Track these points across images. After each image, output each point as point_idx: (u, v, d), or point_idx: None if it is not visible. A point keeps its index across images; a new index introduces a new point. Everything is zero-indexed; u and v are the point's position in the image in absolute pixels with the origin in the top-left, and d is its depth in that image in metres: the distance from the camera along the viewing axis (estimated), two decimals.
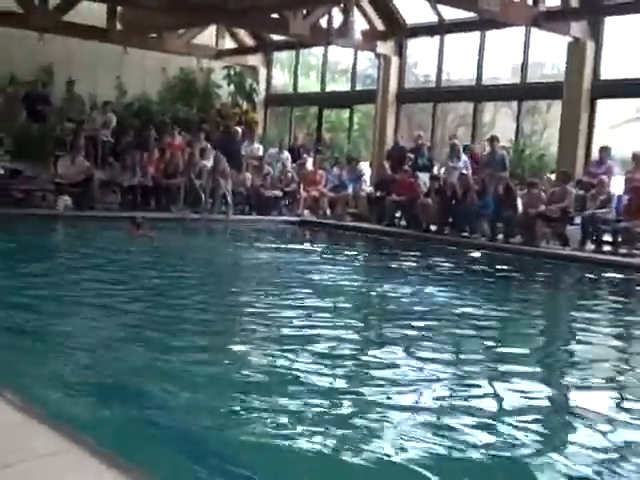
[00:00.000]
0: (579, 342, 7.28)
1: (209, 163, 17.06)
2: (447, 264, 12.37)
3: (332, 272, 10.59)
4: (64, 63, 18.34)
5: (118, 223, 13.84)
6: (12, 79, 17.95)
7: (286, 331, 6.76)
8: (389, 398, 4.88)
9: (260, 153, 18.77)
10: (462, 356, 6.38)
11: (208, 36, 20.13)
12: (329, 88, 21.81)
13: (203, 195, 16.13)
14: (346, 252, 13.65)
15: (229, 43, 21.24)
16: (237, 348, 6.13)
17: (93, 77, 18.89)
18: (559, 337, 7.85)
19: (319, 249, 14.10)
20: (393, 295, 9.00)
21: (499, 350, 6.66)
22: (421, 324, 7.35)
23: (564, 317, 9.00)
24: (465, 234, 14.92)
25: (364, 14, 18.20)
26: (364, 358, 6.04)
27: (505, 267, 12.43)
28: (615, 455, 4.22)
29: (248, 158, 18.19)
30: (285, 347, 6.00)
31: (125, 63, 19.34)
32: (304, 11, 16.49)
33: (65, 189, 15.44)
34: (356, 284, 10.01)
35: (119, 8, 17.91)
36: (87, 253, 11.02)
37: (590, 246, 13.52)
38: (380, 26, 18.50)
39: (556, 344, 7.37)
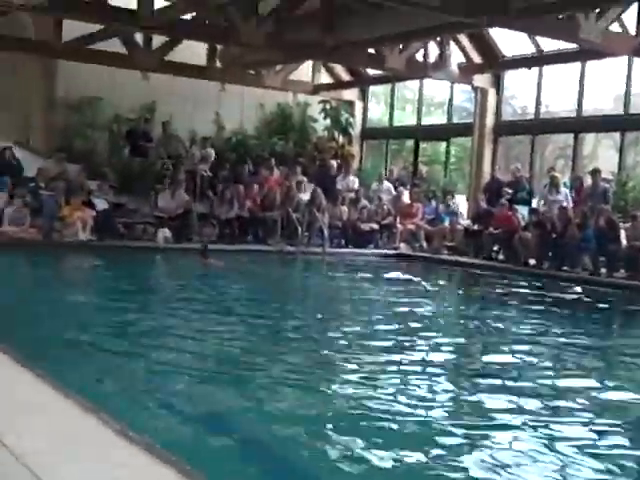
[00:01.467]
0: None
1: (306, 196, 17.20)
2: (545, 298, 12.04)
3: (430, 305, 10.48)
4: (165, 100, 18.84)
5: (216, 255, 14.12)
6: (116, 117, 18.54)
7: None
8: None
9: (356, 186, 18.79)
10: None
11: (305, 71, 20.35)
12: (425, 121, 21.73)
13: (300, 228, 16.21)
14: (444, 286, 13.47)
15: (325, 78, 21.43)
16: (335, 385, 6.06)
17: (193, 113, 19.33)
18: None
19: (417, 283, 13.97)
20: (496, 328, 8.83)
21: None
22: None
23: None
24: (565, 268, 14.51)
25: (460, 47, 18.11)
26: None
27: (607, 302, 12.02)
28: None
29: (344, 191, 18.23)
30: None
31: (223, 99, 19.72)
32: (400, 45, 16.50)
33: (165, 222, 15.79)
34: (454, 317, 9.86)
35: (219, 46, 18.32)
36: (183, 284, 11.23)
37: None
38: (477, 58, 18.35)
39: None
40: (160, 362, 6.21)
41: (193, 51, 17.86)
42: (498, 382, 6.27)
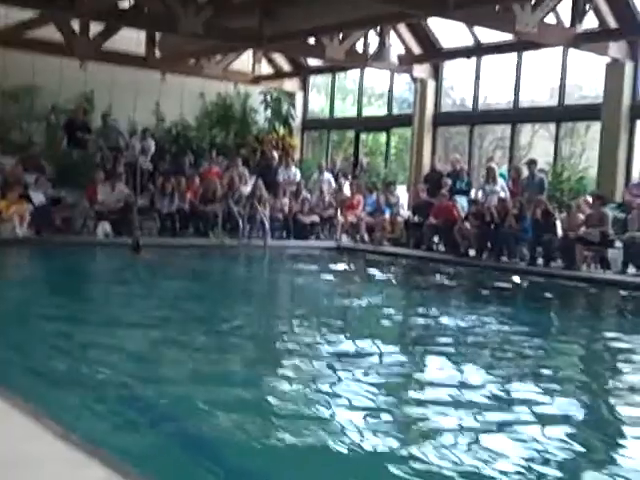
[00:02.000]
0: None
1: (247, 189, 17.17)
2: (485, 288, 12.28)
3: (367, 297, 10.60)
4: (104, 90, 18.57)
5: (155, 249, 14.09)
6: (54, 107, 18.24)
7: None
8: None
9: (297, 178, 18.81)
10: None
11: (245, 61, 20.28)
12: (366, 112, 21.83)
13: (241, 221, 16.18)
14: (382, 277, 13.60)
15: (266, 68, 21.39)
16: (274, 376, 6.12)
17: (132, 104, 19.11)
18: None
19: (356, 274, 14.10)
20: (431, 322, 8.96)
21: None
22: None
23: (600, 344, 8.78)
24: (504, 259, 14.78)
25: (400, 37, 18.24)
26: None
27: (545, 292, 12.30)
28: None
29: (285, 183, 18.24)
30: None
31: (163, 89, 19.53)
32: (340, 35, 16.56)
33: (105, 216, 15.62)
34: (392, 310, 9.98)
35: (157, 35, 18.14)
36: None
37: (632, 270, 13.30)
38: (416, 49, 18.51)
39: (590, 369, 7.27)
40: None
41: (133, 40, 17.66)
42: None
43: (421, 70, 18.86)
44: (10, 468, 3.05)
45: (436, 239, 16.47)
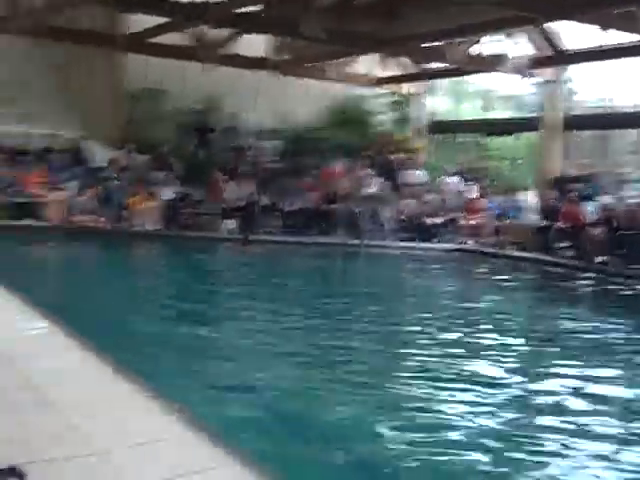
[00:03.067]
0: None
1: (370, 190, 17.15)
2: (614, 295, 11.82)
3: (494, 301, 10.37)
4: (229, 92, 18.94)
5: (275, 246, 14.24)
6: (183, 109, 18.73)
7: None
8: None
9: (423, 180, 18.66)
10: None
11: (367, 64, 20.26)
12: (492, 115, 21.44)
13: (363, 222, 16.15)
14: (508, 282, 13.29)
15: (389, 71, 21.29)
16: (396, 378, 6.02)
17: (257, 105, 19.41)
18: None
19: (481, 278, 13.84)
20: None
21: None
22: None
23: None
24: (636, 266, 14.17)
25: (528, 40, 17.81)
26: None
27: None
28: None
29: (409, 185, 18.11)
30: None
31: (287, 92, 19.74)
32: (463, 38, 16.30)
33: (229, 213, 15.91)
34: (520, 314, 9.72)
35: (282, 39, 18.34)
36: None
37: None
38: (544, 52, 18.03)
39: None
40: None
41: (256, 44, 17.92)
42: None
43: (548, 73, 18.36)
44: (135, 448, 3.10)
45: (563, 244, 15.97)
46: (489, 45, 17.28)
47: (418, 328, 8.06)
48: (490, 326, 8.58)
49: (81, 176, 15.58)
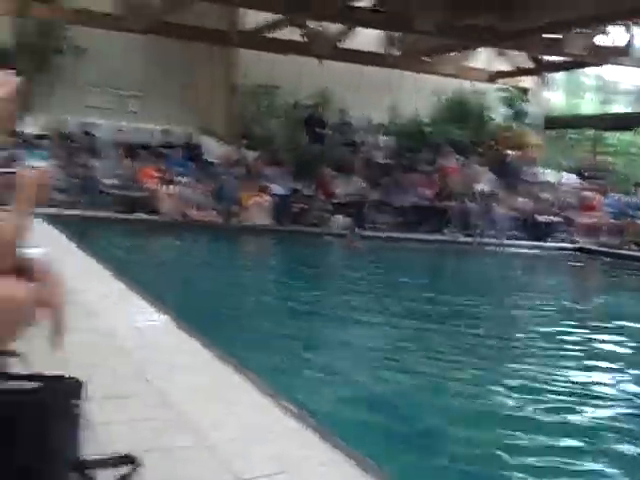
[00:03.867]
0: None
1: (483, 187, 16.83)
2: None
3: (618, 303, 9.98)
4: (341, 87, 18.94)
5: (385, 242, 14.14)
6: (294, 104, 18.84)
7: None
8: None
9: (542, 177, 18.22)
10: None
11: (482, 58, 19.88)
12: (609, 110, 20.71)
13: (476, 219, 15.85)
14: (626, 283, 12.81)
15: (504, 65, 20.84)
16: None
17: (368, 100, 19.34)
18: None
19: (599, 277, 13.37)
20: None
21: None
22: None
23: None
24: None
25: None
26: None
27: None
28: None
29: (524, 182, 17.70)
30: None
31: (399, 86, 19.58)
32: (582, 30, 15.74)
33: (340, 209, 15.87)
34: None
35: (396, 34, 18.18)
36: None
37: None
38: None
39: None
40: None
41: (368, 38, 17.84)
42: None
43: None
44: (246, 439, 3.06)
45: None
46: (610, 36, 16.65)
47: (539, 332, 7.76)
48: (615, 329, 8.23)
49: (195, 171, 15.85)
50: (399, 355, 6.16)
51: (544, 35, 16.24)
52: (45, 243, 5.82)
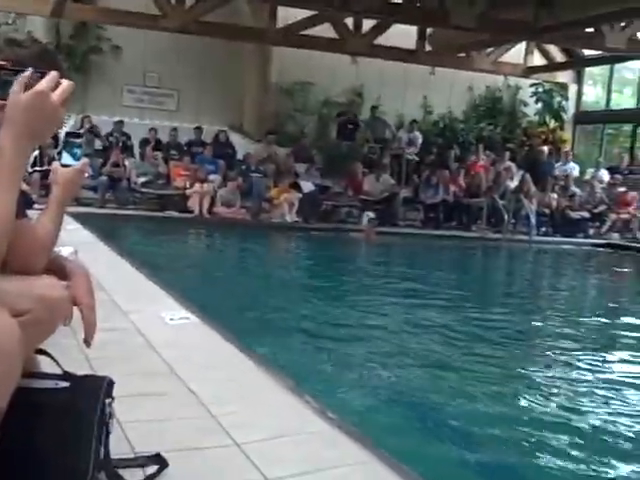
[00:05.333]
0: None
1: (513, 183, 16.73)
2: None
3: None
4: (374, 83, 18.98)
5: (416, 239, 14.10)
6: (326, 101, 18.86)
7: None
8: None
9: (576, 173, 18.09)
10: None
11: (516, 53, 19.73)
12: None
13: (506, 215, 15.77)
14: None
15: (538, 59, 20.66)
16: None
17: (401, 97, 19.34)
18: None
19: (632, 274, 13.25)
20: None
21: None
22: None
23: None
24: None
25: None
26: None
27: None
28: None
29: (556, 178, 17.57)
30: None
31: (431, 82, 19.52)
32: (621, 23, 15.54)
33: (369, 205, 15.86)
34: None
35: (428, 29, 18.10)
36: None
37: None
38: None
39: None
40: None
41: (402, 34, 17.78)
42: None
43: None
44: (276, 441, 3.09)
45: None
46: None
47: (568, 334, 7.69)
48: None
49: (225, 168, 15.92)
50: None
51: (583, 28, 16.02)
52: (74, 242, 5.92)
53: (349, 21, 16.56)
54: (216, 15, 15.68)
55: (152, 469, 2.54)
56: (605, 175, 17.83)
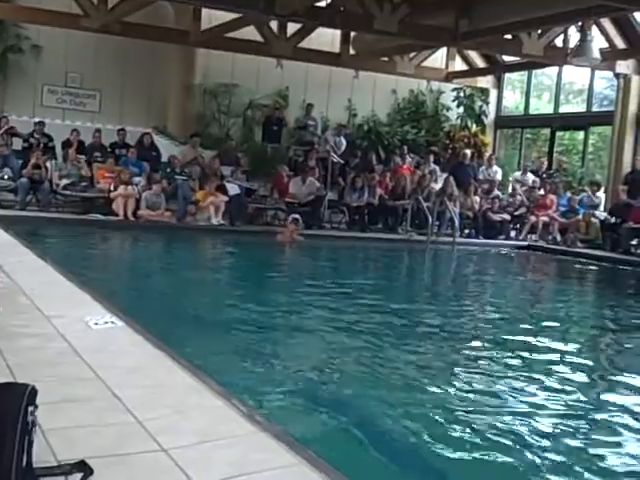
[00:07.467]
0: None
1: (437, 186, 16.99)
2: None
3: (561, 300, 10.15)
4: (298, 87, 19.05)
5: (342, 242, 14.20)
6: (251, 103, 18.82)
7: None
8: None
9: (499, 177, 18.48)
10: None
11: (438, 58, 20.05)
12: (563, 109, 21.00)
13: (430, 217, 15.99)
14: (575, 280, 13.03)
15: (459, 65, 21.03)
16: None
17: (325, 100, 19.45)
18: None
19: (549, 275, 13.60)
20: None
21: None
22: None
23: None
24: None
25: (602, 32, 17.35)
26: None
27: None
28: None
29: (478, 181, 17.91)
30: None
31: (356, 86, 19.68)
32: (538, 30, 15.94)
33: (295, 208, 15.90)
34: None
35: (352, 33, 18.24)
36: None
37: None
38: (620, 44, 17.55)
39: None
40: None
41: (326, 38, 17.90)
42: None
43: (625, 66, 17.85)
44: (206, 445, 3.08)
45: (635, 242, 15.57)
46: (565, 37, 16.83)
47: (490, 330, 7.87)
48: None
49: (149, 171, 15.75)
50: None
51: (502, 35, 16.36)
52: None
53: (274, 24, 16.57)
54: (140, 16, 15.52)
55: (76, 477, 2.51)
56: (531, 179, 18.22)
